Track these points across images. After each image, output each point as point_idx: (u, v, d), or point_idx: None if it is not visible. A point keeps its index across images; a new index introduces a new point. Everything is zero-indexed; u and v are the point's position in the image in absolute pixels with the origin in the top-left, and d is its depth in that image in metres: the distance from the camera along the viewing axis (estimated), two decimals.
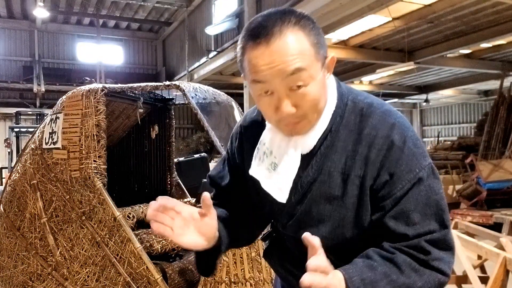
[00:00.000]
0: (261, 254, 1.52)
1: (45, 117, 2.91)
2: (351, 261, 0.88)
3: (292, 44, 0.82)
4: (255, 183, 0.99)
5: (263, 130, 0.99)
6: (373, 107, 0.92)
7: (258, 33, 0.83)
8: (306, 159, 0.93)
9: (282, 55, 0.81)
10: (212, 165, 7.58)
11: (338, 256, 0.91)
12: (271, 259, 1.14)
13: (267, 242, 1.15)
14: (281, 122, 0.89)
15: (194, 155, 6.69)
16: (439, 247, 0.87)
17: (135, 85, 2.54)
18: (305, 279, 0.73)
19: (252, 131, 1.04)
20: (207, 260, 1.00)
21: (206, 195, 0.87)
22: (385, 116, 0.90)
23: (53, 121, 2.57)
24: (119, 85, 2.66)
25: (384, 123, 0.89)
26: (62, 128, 2.49)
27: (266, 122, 0.97)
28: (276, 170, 0.93)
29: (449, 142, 11.70)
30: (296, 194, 0.94)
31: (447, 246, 0.88)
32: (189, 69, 12.56)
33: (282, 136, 0.93)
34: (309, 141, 0.91)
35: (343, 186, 0.90)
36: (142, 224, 2.64)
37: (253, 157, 0.98)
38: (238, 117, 2.83)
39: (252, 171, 0.98)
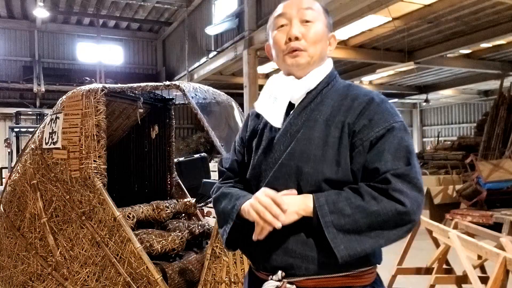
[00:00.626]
0: None
1: (45, 117, 2.91)
2: None
3: (309, 0, 1.16)
4: (252, 151, 1.19)
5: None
6: (360, 86, 1.17)
7: None
8: (297, 115, 1.12)
9: (301, 0, 1.15)
10: (212, 165, 7.57)
11: None
12: (241, 246, 1.20)
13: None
14: (287, 50, 1.12)
15: (194, 155, 6.70)
16: (402, 180, 0.99)
17: (135, 85, 2.54)
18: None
19: (257, 113, 1.25)
20: (240, 234, 1.14)
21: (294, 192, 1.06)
22: (368, 90, 1.14)
23: (53, 121, 2.58)
24: (119, 85, 2.66)
25: (366, 91, 1.13)
26: (62, 128, 2.49)
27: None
28: (274, 103, 1.13)
29: (449, 142, 11.68)
30: (286, 141, 1.11)
31: (411, 182, 1.00)
32: (189, 69, 12.55)
33: (284, 78, 1.15)
34: (303, 83, 1.13)
35: (326, 129, 1.07)
36: (142, 224, 2.64)
37: (259, 97, 1.20)
38: (238, 117, 2.83)
39: (257, 106, 1.18)
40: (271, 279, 1.08)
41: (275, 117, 1.11)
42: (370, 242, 0.98)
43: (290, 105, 1.14)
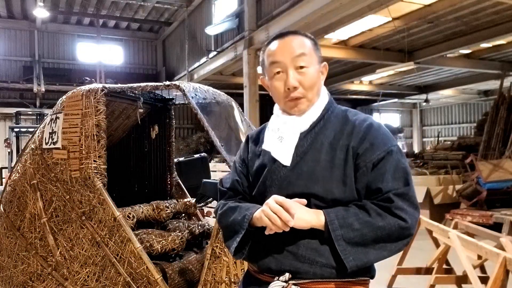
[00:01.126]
0: None
1: (45, 117, 2.91)
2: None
3: (299, 40, 1.22)
4: (257, 171, 1.27)
5: (261, 135, 1.31)
6: (356, 111, 1.27)
7: (277, 36, 1.26)
8: (302, 137, 1.21)
9: (292, 44, 1.21)
10: (212, 165, 7.56)
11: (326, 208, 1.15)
12: (249, 254, 1.25)
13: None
14: (287, 98, 1.21)
15: (194, 155, 6.68)
16: (402, 199, 1.11)
17: (135, 85, 2.54)
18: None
19: (257, 135, 1.37)
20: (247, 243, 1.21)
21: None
22: (365, 115, 1.26)
23: (53, 121, 2.58)
24: (119, 85, 2.66)
25: (364, 116, 1.24)
26: (62, 128, 2.49)
27: (274, 110, 1.29)
28: (282, 142, 1.22)
29: (449, 142, 11.67)
30: (292, 161, 1.20)
31: (409, 201, 1.12)
32: (189, 69, 12.55)
33: (286, 117, 1.24)
34: (306, 120, 1.22)
35: (332, 152, 1.17)
36: (142, 224, 2.64)
37: (265, 136, 1.28)
38: (238, 117, 2.83)
39: (265, 146, 1.26)
40: (278, 279, 1.15)
41: (284, 156, 1.20)
42: (374, 253, 1.10)
43: None
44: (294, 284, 1.14)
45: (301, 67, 1.19)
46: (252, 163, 1.31)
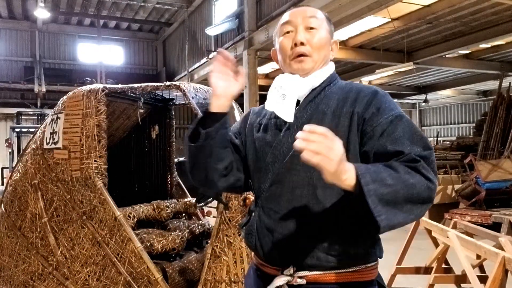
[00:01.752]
0: None
1: (46, 117, 2.92)
2: (342, 195, 1.07)
3: (313, 9, 1.26)
4: (255, 144, 1.26)
5: (264, 110, 1.29)
6: (360, 83, 1.27)
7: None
8: (302, 108, 1.19)
9: (305, 9, 1.25)
10: None
11: (331, 190, 1.08)
12: (251, 236, 1.23)
13: (245, 227, 1.27)
14: (292, 56, 1.20)
15: None
16: (426, 162, 1.02)
17: (135, 85, 2.56)
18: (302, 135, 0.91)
19: (259, 109, 1.36)
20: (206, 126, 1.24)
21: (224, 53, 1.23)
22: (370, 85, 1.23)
23: (54, 121, 2.59)
24: (120, 85, 2.68)
25: (369, 85, 1.22)
26: (63, 128, 2.50)
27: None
28: (284, 100, 1.19)
29: (448, 142, 11.69)
30: (293, 133, 1.11)
31: (431, 165, 1.04)
32: (190, 70, 12.57)
33: (290, 77, 1.21)
34: (309, 81, 1.20)
35: (335, 119, 1.14)
36: (142, 223, 2.66)
37: (268, 96, 1.25)
38: (238, 117, 2.85)
39: (267, 105, 1.23)
40: (283, 273, 1.13)
41: (287, 113, 1.17)
42: (403, 215, 0.98)
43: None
44: (300, 277, 1.11)
45: (311, 28, 1.20)
46: (250, 133, 1.29)
